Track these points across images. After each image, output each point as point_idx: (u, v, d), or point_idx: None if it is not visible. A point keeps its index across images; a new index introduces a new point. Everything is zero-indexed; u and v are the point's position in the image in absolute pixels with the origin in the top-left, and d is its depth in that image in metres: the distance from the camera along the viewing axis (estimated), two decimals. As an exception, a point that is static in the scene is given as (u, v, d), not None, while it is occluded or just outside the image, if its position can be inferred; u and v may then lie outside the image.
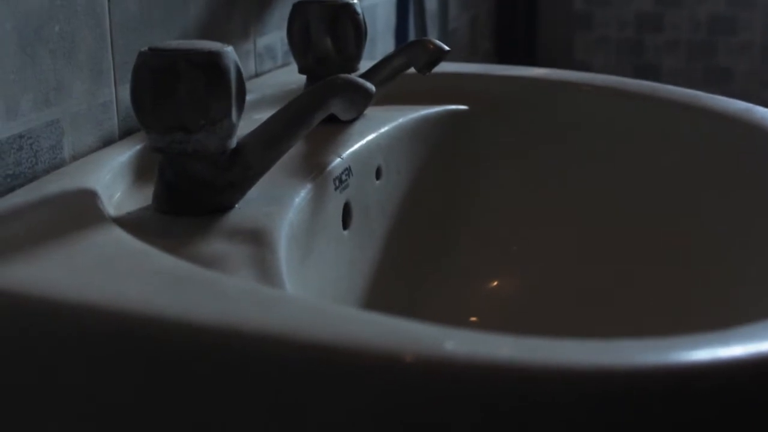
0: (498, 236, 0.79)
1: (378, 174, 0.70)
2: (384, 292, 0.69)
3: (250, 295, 0.40)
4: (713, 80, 2.14)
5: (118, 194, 0.57)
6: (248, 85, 0.70)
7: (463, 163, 0.79)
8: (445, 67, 0.84)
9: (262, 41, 0.85)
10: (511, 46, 2.16)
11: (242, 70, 0.53)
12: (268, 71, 0.86)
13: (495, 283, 0.78)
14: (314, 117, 0.54)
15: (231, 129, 0.52)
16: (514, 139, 0.80)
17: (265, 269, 0.46)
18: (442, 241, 0.77)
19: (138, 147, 0.61)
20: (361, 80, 0.55)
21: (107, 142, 0.63)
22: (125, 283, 0.41)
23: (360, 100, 0.55)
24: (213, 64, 0.51)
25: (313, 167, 0.62)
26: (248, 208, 0.54)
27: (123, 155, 0.60)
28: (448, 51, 0.69)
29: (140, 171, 0.61)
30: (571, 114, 0.79)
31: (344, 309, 0.41)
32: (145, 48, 0.52)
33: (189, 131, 0.51)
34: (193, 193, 0.53)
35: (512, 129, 0.81)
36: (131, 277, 0.41)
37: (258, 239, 0.50)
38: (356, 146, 0.67)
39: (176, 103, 0.50)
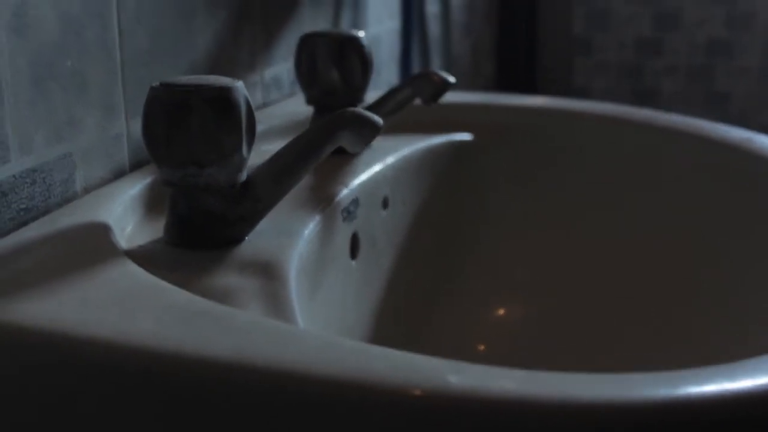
0: (504, 264, 0.80)
1: (385, 204, 0.71)
2: (391, 322, 0.70)
3: (263, 329, 0.41)
4: (712, 104, 2.16)
5: (130, 227, 0.58)
6: (256, 115, 0.71)
7: (467, 191, 0.80)
8: (448, 97, 0.85)
9: (269, 72, 0.86)
10: (512, 71, 2.17)
11: (251, 102, 0.53)
12: (275, 102, 0.87)
13: (502, 311, 0.79)
14: (323, 150, 0.55)
15: (242, 163, 0.53)
16: (518, 167, 0.81)
17: (277, 303, 0.47)
18: (449, 270, 0.78)
19: (148, 180, 0.62)
20: (369, 114, 0.55)
21: (118, 175, 0.64)
22: (139, 317, 0.41)
23: (368, 134, 0.56)
24: (224, 99, 0.51)
25: (321, 199, 0.62)
26: (258, 240, 0.54)
27: (134, 188, 0.60)
28: (453, 83, 0.70)
29: (151, 204, 0.61)
30: (573, 142, 0.80)
31: (354, 343, 0.42)
32: (156, 83, 0.53)
33: (201, 165, 0.52)
34: (204, 227, 0.53)
35: (516, 157, 0.81)
36: (145, 312, 0.42)
37: (269, 272, 0.50)
38: (363, 177, 0.68)
39: (188, 138, 0.51)
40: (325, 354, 0.39)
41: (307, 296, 0.55)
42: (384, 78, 1.23)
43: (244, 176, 0.54)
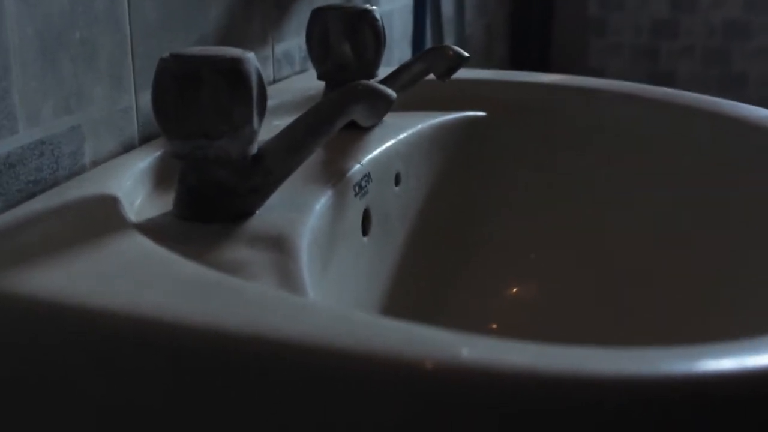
0: (517, 242, 0.79)
1: (397, 180, 0.70)
2: (403, 299, 0.69)
3: (275, 302, 0.40)
4: (728, 86, 2.14)
5: (139, 200, 0.57)
6: (268, 90, 0.70)
7: (481, 168, 0.79)
8: (462, 73, 0.84)
9: (281, 47, 0.85)
10: (526, 52, 2.16)
11: (263, 75, 0.53)
12: (287, 77, 0.86)
13: (515, 290, 0.78)
14: (335, 123, 0.54)
15: (252, 135, 0.52)
16: (532, 144, 0.80)
17: (288, 277, 0.46)
18: (462, 247, 0.77)
19: (158, 153, 0.61)
20: (382, 87, 0.54)
21: (128, 148, 0.63)
22: (149, 289, 0.41)
23: (381, 107, 0.55)
24: (235, 70, 0.51)
25: (333, 173, 0.61)
26: (269, 214, 0.54)
27: (143, 161, 0.60)
28: (467, 57, 0.69)
29: (160, 177, 0.61)
30: (588, 120, 0.79)
31: (366, 316, 0.41)
32: (166, 54, 0.52)
33: (211, 137, 0.51)
34: (214, 199, 0.53)
35: (530, 135, 0.80)
36: (154, 283, 0.41)
37: (280, 246, 0.49)
38: (375, 152, 0.67)
39: (199, 110, 0.50)
40: (337, 326, 0.38)
41: (319, 271, 0.54)
42: (396, 56, 1.22)
43: (255, 149, 0.53)
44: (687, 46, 2.17)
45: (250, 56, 0.52)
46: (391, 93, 0.55)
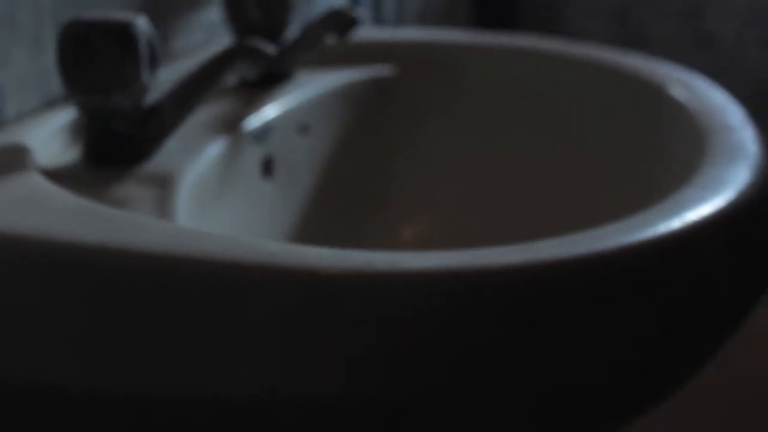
0: (424, 187, 0.87)
1: (303, 131, 0.78)
2: (309, 239, 0.77)
3: (137, 223, 0.48)
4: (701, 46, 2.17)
5: (55, 150, 0.65)
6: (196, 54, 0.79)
7: (389, 121, 0.87)
8: (372, 32, 0.91)
9: (207, 15, 0.92)
10: (492, 13, 2.20)
11: (157, 39, 0.60)
12: (214, 42, 0.94)
13: (422, 229, 0.86)
14: (219, 78, 0.62)
15: (143, 90, 0.60)
16: (437, 97, 0.88)
17: (161, 207, 0.54)
18: (370, 194, 0.85)
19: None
20: (260, 44, 0.62)
21: (51, 106, 0.71)
22: (29, 215, 0.49)
23: (261, 62, 0.63)
24: (124, 33, 0.58)
25: (231, 123, 0.69)
26: (162, 158, 0.62)
27: (62, 117, 0.68)
28: (360, 19, 0.77)
29: (78, 131, 0.68)
30: (488, 74, 0.87)
31: (225, 235, 0.49)
32: (67, 20, 0.60)
33: (106, 92, 0.59)
34: (112, 147, 0.61)
35: (435, 89, 0.88)
36: (34, 210, 0.49)
37: (163, 184, 0.58)
38: (278, 105, 0.75)
39: (93, 69, 0.58)
40: (187, 240, 0.46)
41: (209, 208, 0.62)
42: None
43: (149, 101, 0.61)
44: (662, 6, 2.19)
45: (139, 21, 0.60)
46: (269, 50, 0.62)
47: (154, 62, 0.61)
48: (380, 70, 0.88)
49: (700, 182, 0.55)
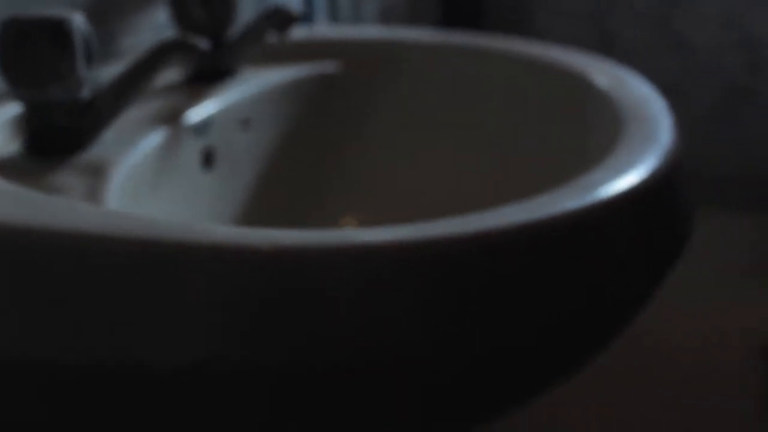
0: (367, 182, 0.89)
1: (245, 124, 0.81)
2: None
3: (60, 206, 0.51)
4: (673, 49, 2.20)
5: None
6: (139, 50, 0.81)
7: (334, 116, 0.90)
8: (317, 30, 0.94)
9: (155, 15, 0.95)
10: (458, 17, 2.23)
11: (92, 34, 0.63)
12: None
13: (362, 222, 0.88)
14: (153, 72, 0.65)
15: (79, 83, 0.63)
16: (382, 94, 0.91)
17: (92, 193, 0.56)
18: (313, 187, 0.88)
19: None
20: (191, 39, 0.65)
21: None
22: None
23: (190, 56, 0.65)
24: (58, 30, 0.61)
25: (173, 117, 0.72)
26: (99, 149, 0.64)
27: (7, 111, 0.70)
28: (298, 16, 0.80)
29: (21, 124, 0.71)
30: (428, 71, 0.89)
31: (141, 216, 0.51)
32: (7, 18, 0.62)
33: (43, 86, 0.61)
34: (52, 138, 0.63)
35: (379, 85, 0.91)
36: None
37: (97, 173, 0.60)
38: (220, 99, 0.77)
39: (30, 64, 0.61)
40: (108, 221, 0.48)
41: (144, 197, 0.64)
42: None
43: (86, 94, 0.64)
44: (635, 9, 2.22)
45: (75, 17, 0.62)
46: (200, 44, 0.65)
47: (90, 57, 0.63)
48: (326, 67, 0.90)
49: (610, 165, 0.58)
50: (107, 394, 0.49)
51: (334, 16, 1.34)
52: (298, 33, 0.95)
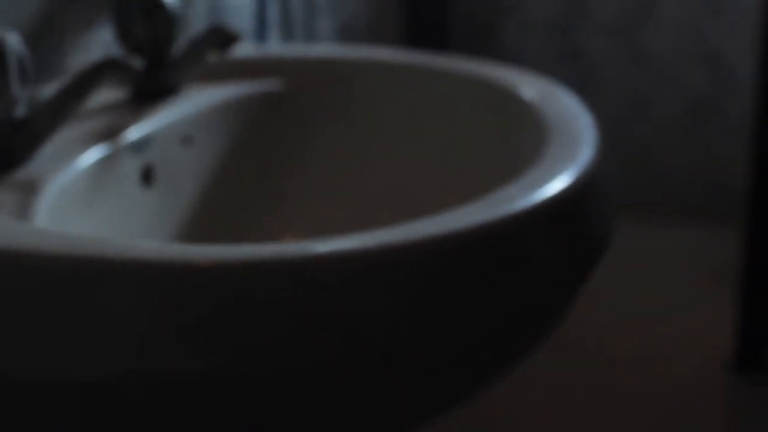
0: (309, 198, 0.91)
1: (187, 142, 0.82)
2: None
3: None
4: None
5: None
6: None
7: (277, 134, 0.91)
8: (261, 49, 0.96)
9: (104, 33, 0.96)
10: (423, 32, 2.24)
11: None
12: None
13: (303, 238, 0.90)
14: (87, 91, 0.66)
15: (13, 101, 0.64)
16: (325, 111, 0.92)
17: (21, 210, 0.58)
18: (255, 204, 0.89)
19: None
20: (123, 60, 0.67)
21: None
22: None
23: (125, 75, 0.67)
24: (-8, 49, 0.63)
25: (112, 134, 0.73)
26: (35, 166, 0.65)
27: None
28: (239, 35, 0.81)
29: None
30: (369, 88, 0.91)
31: (67, 233, 0.53)
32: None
33: (-24, 104, 0.63)
34: (-13, 155, 0.65)
35: (322, 103, 0.93)
36: None
37: (30, 190, 0.61)
38: (159, 117, 0.79)
39: (-36, 82, 0.62)
40: (29, 238, 0.50)
41: (77, 214, 0.66)
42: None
43: (21, 112, 0.65)
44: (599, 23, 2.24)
45: (11, 37, 0.64)
46: (132, 64, 0.67)
47: (25, 76, 0.65)
48: (270, 85, 0.92)
49: (525, 180, 0.60)
50: (29, 407, 0.51)
51: (288, 34, 1.36)
52: (246, 51, 0.97)
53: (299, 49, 0.99)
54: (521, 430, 1.48)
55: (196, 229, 0.82)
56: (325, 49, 0.98)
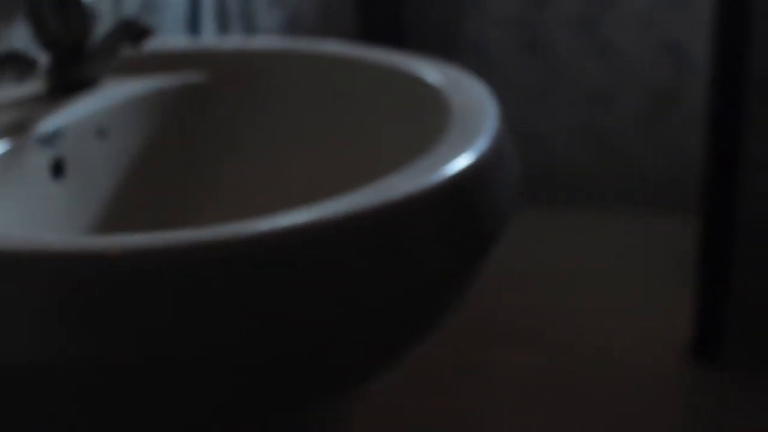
0: (228, 189, 0.92)
1: (101, 135, 0.82)
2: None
3: None
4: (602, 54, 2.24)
5: None
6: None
7: (197, 125, 0.92)
8: (191, 41, 0.96)
9: (22, 29, 0.96)
10: (377, 24, 2.25)
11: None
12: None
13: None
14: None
15: None
16: (246, 102, 0.93)
17: None
18: (172, 195, 0.90)
19: None
20: (24, 52, 0.67)
21: None
22: None
23: (28, 69, 0.67)
24: None
25: (21, 128, 0.74)
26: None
27: None
28: (151, 29, 0.82)
29: None
30: (289, 79, 0.92)
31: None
32: None
33: None
34: None
35: (244, 94, 0.93)
36: None
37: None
38: (76, 110, 0.79)
39: None
40: None
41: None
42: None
43: None
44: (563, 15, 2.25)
45: None
46: (34, 57, 0.67)
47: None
48: (190, 77, 0.93)
49: (418, 166, 0.61)
50: None
51: (223, 27, 1.36)
52: (174, 44, 0.98)
53: (224, 42, 0.99)
54: (485, 422, 1.49)
55: (112, 222, 0.82)
56: (246, 41, 0.99)
